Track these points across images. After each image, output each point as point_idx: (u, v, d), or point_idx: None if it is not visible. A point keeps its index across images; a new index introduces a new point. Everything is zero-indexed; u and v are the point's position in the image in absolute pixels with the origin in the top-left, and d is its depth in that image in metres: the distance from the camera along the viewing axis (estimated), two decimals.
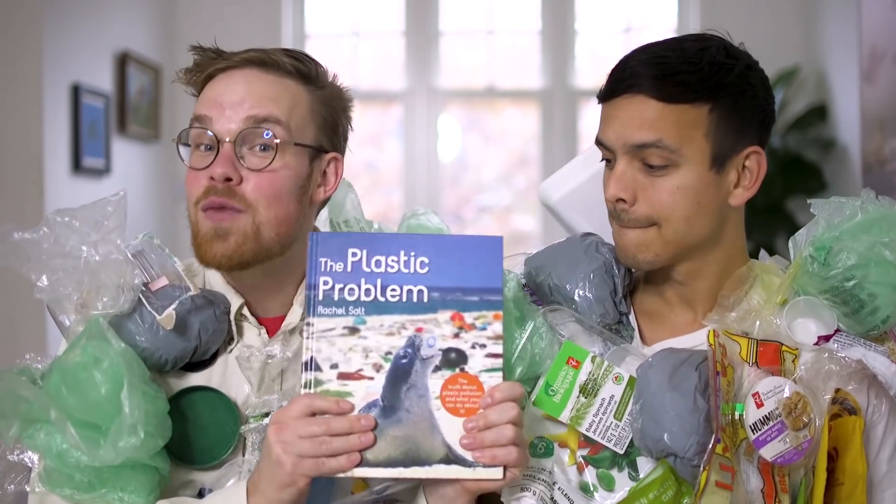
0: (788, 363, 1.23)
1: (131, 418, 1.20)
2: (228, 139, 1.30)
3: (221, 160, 1.29)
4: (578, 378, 1.26)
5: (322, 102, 1.37)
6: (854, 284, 1.24)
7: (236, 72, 1.33)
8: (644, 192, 1.26)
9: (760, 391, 1.20)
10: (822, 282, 1.26)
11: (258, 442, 1.30)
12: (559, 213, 1.59)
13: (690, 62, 1.26)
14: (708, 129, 1.25)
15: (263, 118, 1.30)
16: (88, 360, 1.23)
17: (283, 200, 1.32)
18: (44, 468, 1.27)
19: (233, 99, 1.31)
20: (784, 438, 1.19)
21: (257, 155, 1.31)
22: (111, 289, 1.27)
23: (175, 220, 4.53)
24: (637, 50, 1.31)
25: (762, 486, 1.19)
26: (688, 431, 1.17)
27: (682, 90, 1.24)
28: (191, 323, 1.31)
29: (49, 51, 3.62)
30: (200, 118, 1.32)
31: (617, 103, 1.28)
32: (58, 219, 1.29)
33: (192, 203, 1.33)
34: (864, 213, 1.27)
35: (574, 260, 1.37)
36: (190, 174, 1.33)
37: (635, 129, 1.25)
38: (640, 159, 1.26)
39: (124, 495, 1.25)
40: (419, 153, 4.84)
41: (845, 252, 1.24)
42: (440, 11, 4.87)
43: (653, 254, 1.28)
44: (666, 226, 1.26)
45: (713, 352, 1.20)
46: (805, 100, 4.45)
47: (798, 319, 1.27)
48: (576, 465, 1.26)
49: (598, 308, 1.33)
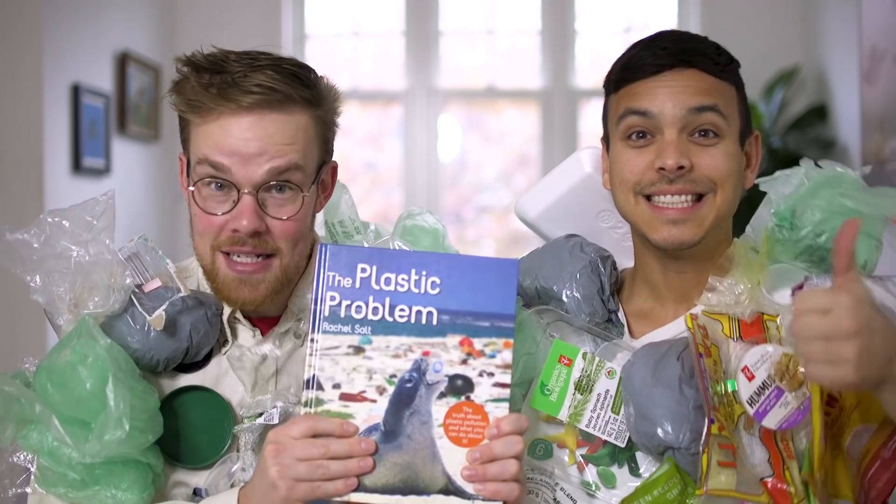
0: (773, 331, 1.24)
1: (116, 411, 1.21)
2: (249, 190, 1.27)
3: (248, 213, 1.26)
4: (572, 375, 1.26)
5: (322, 122, 1.34)
6: (826, 238, 1.27)
7: (248, 116, 1.26)
8: (699, 159, 1.27)
9: (748, 364, 1.20)
10: (794, 245, 1.29)
11: (251, 442, 1.31)
12: (538, 228, 1.59)
13: (714, 46, 1.33)
14: (738, 106, 1.31)
15: (285, 168, 1.27)
16: (74, 358, 1.24)
17: (304, 237, 1.34)
18: (38, 468, 1.27)
19: (251, 149, 1.26)
20: (784, 402, 1.18)
21: (277, 200, 1.28)
22: (102, 289, 1.28)
23: (175, 220, 4.53)
24: (653, 37, 1.34)
25: (768, 456, 1.19)
26: (679, 422, 1.18)
27: (720, 69, 1.30)
28: (181, 324, 1.31)
29: (49, 51, 3.62)
30: (216, 165, 1.27)
31: (662, 77, 1.29)
32: (49, 219, 1.29)
33: (206, 243, 1.30)
34: (809, 179, 1.31)
35: (560, 261, 1.37)
36: (205, 218, 1.29)
37: (693, 94, 1.27)
38: (691, 129, 1.27)
39: (117, 492, 1.25)
40: (419, 153, 4.84)
41: (810, 210, 1.28)
42: (440, 11, 4.88)
43: (704, 230, 1.28)
44: (721, 193, 1.28)
45: (693, 335, 1.20)
46: (805, 100, 4.45)
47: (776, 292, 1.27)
48: (576, 465, 1.27)
49: (586, 307, 1.33)
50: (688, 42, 1.32)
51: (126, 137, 4.23)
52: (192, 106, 1.28)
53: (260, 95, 1.26)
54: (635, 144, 1.29)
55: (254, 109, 1.26)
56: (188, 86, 1.28)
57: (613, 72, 1.34)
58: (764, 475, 1.17)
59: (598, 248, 1.40)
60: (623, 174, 1.31)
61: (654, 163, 1.27)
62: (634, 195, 1.30)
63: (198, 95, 1.27)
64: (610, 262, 1.39)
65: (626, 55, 1.34)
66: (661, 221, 1.28)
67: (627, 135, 1.30)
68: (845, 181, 1.30)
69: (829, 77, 4.35)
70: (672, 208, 1.27)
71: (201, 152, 1.28)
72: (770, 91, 4.32)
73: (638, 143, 1.29)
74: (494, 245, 5.02)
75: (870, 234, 1.26)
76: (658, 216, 1.28)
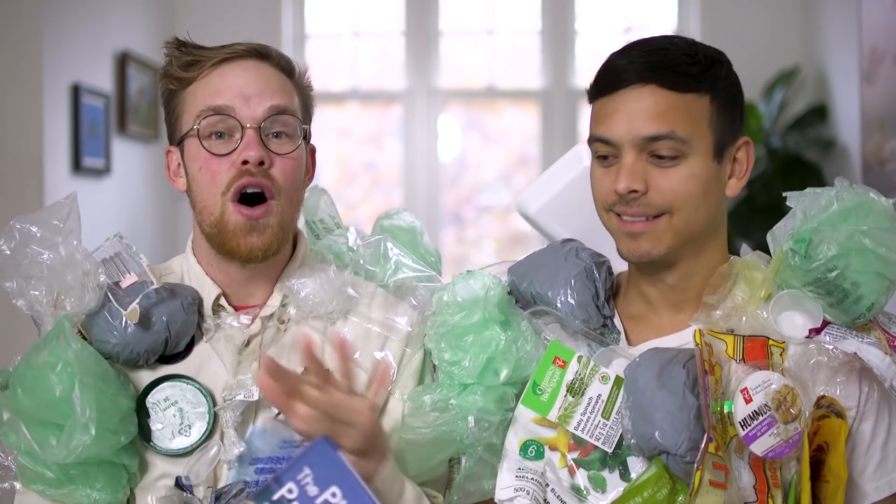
0: (776, 357, 1.24)
1: (83, 417, 1.23)
2: (252, 125, 1.33)
3: (253, 144, 1.33)
4: (565, 377, 1.26)
5: (302, 93, 1.43)
6: (837, 274, 1.25)
7: (242, 62, 1.37)
8: (655, 183, 1.27)
9: (749, 386, 1.20)
10: (804, 274, 1.26)
11: (233, 420, 1.33)
12: (538, 223, 1.59)
13: (688, 55, 1.28)
14: (710, 119, 1.28)
15: (284, 108, 1.36)
16: (43, 363, 1.27)
17: (298, 189, 1.39)
18: (17, 466, 1.31)
19: (252, 89, 1.35)
20: (774, 432, 1.19)
21: (276, 143, 1.36)
22: (77, 288, 1.31)
23: (175, 220, 4.54)
24: (626, 47, 1.32)
25: (754, 481, 1.19)
26: (678, 428, 1.17)
27: (687, 80, 1.26)
28: (157, 315, 1.33)
29: (49, 51, 3.63)
30: (219, 108, 1.34)
31: (621, 96, 1.28)
32: (17, 226, 1.33)
33: (217, 192, 1.34)
34: (839, 202, 1.28)
35: (555, 266, 1.38)
36: (212, 162, 1.34)
37: (646, 121, 1.25)
38: (649, 151, 1.27)
39: (92, 492, 1.28)
40: (419, 153, 4.84)
41: (826, 243, 1.25)
42: (440, 11, 4.87)
43: (665, 245, 1.29)
44: (678, 214, 1.27)
45: (700, 351, 1.21)
46: (805, 100, 4.45)
47: (784, 313, 1.27)
48: (567, 468, 1.27)
49: (580, 313, 1.34)
50: (652, 55, 1.28)
51: (126, 137, 4.23)
52: (191, 63, 1.37)
53: (249, 47, 1.38)
54: (602, 164, 1.32)
55: (247, 57, 1.38)
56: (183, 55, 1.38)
57: (592, 82, 1.35)
58: (748, 500, 1.18)
59: (594, 254, 1.41)
60: (595, 192, 1.34)
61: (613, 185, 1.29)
62: (606, 211, 1.33)
63: (195, 55, 1.37)
64: (605, 268, 1.39)
65: (602, 65, 1.34)
66: (624, 234, 1.30)
67: (595, 153, 1.33)
68: (874, 211, 1.27)
69: (829, 77, 4.35)
70: (631, 222, 1.29)
71: (203, 104, 1.35)
72: (770, 91, 4.32)
73: (604, 163, 1.32)
74: (494, 245, 5.02)
75: (883, 274, 1.25)
76: (622, 228, 1.30)
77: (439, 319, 1.36)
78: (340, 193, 4.70)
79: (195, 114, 1.36)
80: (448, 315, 1.35)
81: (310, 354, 1.18)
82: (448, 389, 1.34)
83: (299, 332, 1.39)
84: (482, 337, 1.32)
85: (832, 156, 4.26)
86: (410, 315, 1.43)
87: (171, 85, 1.39)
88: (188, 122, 1.37)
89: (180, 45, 1.40)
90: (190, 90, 1.38)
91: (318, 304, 1.39)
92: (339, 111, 4.94)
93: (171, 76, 1.39)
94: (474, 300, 1.34)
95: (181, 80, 1.38)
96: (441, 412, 1.32)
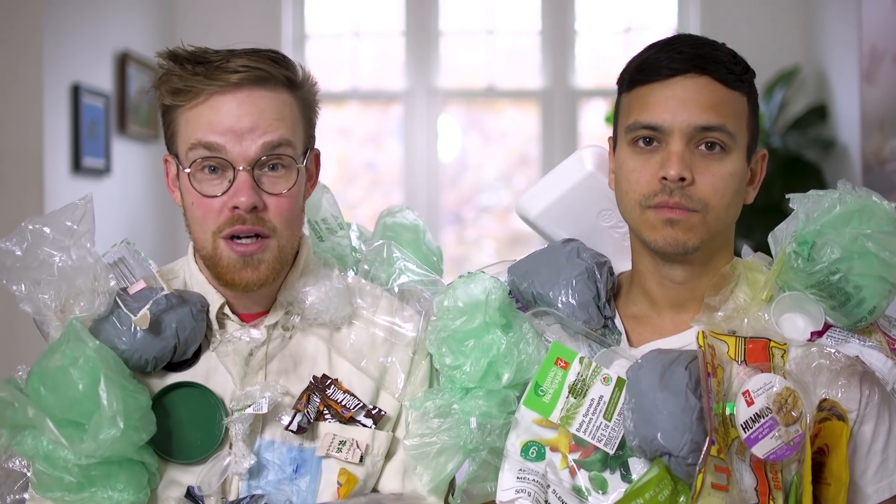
0: (778, 359, 1.24)
1: (110, 410, 1.22)
2: (244, 167, 1.28)
3: (245, 189, 1.28)
4: (567, 379, 1.26)
5: (304, 104, 1.37)
6: (839, 278, 1.25)
7: (236, 94, 1.30)
8: (700, 175, 1.26)
9: (750, 389, 1.20)
10: (807, 277, 1.26)
11: (242, 432, 1.32)
12: (539, 226, 1.59)
13: (731, 54, 1.30)
14: (747, 120, 1.29)
15: (278, 143, 1.30)
16: (65, 361, 1.25)
17: (297, 218, 1.36)
18: (34, 473, 1.27)
19: (244, 125, 1.28)
20: (776, 435, 1.19)
21: (271, 178, 1.31)
22: (87, 293, 1.29)
23: (175, 220, 4.53)
24: (671, 38, 1.32)
25: (755, 484, 1.19)
26: (681, 430, 1.17)
27: (734, 77, 1.27)
28: (166, 322, 1.32)
29: (49, 51, 3.62)
30: (210, 145, 1.29)
31: (674, 83, 1.27)
32: (30, 227, 1.30)
33: (208, 231, 1.31)
34: (842, 204, 1.28)
35: (556, 267, 1.37)
36: (203, 202, 1.30)
37: (699, 111, 1.25)
38: (697, 141, 1.26)
39: (114, 493, 1.26)
40: (419, 153, 4.84)
41: (829, 246, 1.25)
42: (440, 11, 4.87)
43: (699, 238, 1.28)
44: (712, 212, 1.27)
45: (703, 353, 1.20)
46: (805, 100, 4.45)
47: (785, 315, 1.27)
48: (568, 469, 1.27)
49: (581, 314, 1.33)
50: (704, 48, 1.29)
51: (126, 137, 4.23)
52: (181, 91, 1.31)
53: (245, 73, 1.29)
54: (642, 150, 1.29)
55: (241, 86, 1.29)
56: (174, 76, 1.32)
57: (627, 71, 1.34)
58: (750, 502, 1.18)
59: (595, 254, 1.40)
60: (630, 184, 1.30)
61: (657, 173, 1.27)
62: (641, 208, 1.29)
63: (185, 81, 1.30)
64: (606, 268, 1.39)
65: (641, 55, 1.33)
66: (662, 221, 1.28)
67: (634, 139, 1.30)
68: (877, 215, 1.27)
69: (829, 77, 4.35)
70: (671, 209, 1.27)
71: (193, 136, 1.30)
72: (770, 91, 4.32)
73: (644, 148, 1.29)
74: (494, 245, 5.02)
75: (885, 278, 1.25)
76: (660, 216, 1.28)
77: (440, 324, 1.36)
78: (340, 193, 4.69)
79: (187, 145, 1.31)
80: (449, 320, 1.34)
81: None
82: (450, 394, 1.34)
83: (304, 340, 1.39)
84: (483, 341, 1.32)
85: (832, 156, 4.26)
86: (416, 321, 1.42)
87: (164, 101, 1.35)
88: (181, 146, 1.33)
89: (172, 57, 1.33)
90: (181, 112, 1.33)
91: (323, 311, 1.38)
92: (339, 111, 4.93)
93: (163, 93, 1.35)
94: (475, 304, 1.33)
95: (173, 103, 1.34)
96: (444, 417, 1.32)
